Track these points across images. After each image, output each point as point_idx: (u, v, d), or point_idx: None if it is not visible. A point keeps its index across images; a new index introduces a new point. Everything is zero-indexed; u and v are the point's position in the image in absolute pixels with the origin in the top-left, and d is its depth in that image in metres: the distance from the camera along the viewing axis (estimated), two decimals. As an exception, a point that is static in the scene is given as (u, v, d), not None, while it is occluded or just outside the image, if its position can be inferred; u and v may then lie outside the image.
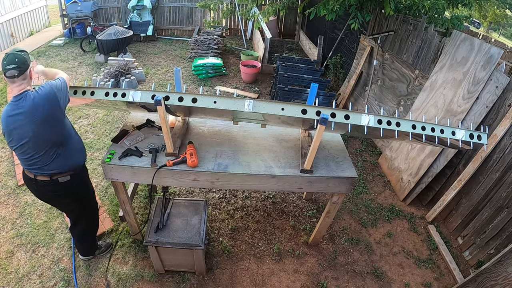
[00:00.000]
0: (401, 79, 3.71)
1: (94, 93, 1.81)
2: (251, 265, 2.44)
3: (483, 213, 2.55)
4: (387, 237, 2.79)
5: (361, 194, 3.23)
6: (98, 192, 2.97)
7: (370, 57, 4.32)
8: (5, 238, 2.51)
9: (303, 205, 3.02)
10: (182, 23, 8.02)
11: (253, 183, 2.00)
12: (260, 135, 2.30)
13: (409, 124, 1.66)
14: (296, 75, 4.24)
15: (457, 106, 2.77)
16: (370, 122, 1.64)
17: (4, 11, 6.66)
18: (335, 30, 5.77)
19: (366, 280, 2.42)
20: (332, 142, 2.29)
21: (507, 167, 2.39)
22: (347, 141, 4.02)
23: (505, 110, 2.44)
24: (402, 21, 3.78)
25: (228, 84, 5.51)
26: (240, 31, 8.17)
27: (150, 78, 5.49)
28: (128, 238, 2.53)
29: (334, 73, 5.33)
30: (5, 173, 3.19)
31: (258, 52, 6.31)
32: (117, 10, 7.70)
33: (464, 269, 2.55)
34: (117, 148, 2.01)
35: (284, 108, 1.67)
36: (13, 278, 2.22)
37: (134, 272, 2.30)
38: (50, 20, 8.75)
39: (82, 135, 3.81)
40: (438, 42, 3.19)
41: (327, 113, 1.65)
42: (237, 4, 7.14)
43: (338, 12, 3.71)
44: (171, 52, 6.78)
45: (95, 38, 5.82)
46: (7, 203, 2.83)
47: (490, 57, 2.56)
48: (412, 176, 3.09)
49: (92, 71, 5.58)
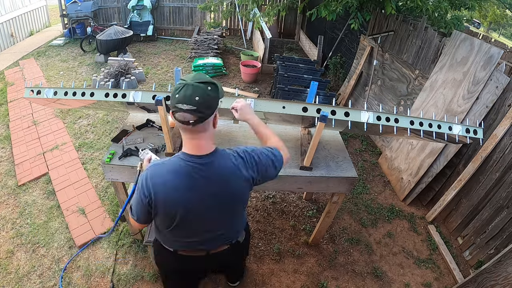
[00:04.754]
0: (401, 79, 3.71)
1: (94, 94, 1.80)
2: (251, 265, 2.44)
3: (483, 213, 2.55)
4: (387, 237, 2.79)
5: (361, 194, 3.23)
6: (98, 192, 2.97)
7: (370, 57, 4.32)
8: (5, 238, 2.51)
9: (303, 205, 3.02)
10: (182, 23, 8.02)
11: (253, 183, 1.99)
12: (260, 135, 2.29)
13: (407, 120, 1.67)
14: (296, 75, 4.23)
15: (457, 106, 2.77)
16: (370, 119, 1.65)
17: (4, 11, 6.66)
18: (335, 30, 5.77)
19: (366, 280, 2.41)
20: (332, 142, 2.29)
21: (507, 167, 2.39)
22: (347, 141, 4.02)
23: (505, 110, 2.44)
24: (402, 21, 3.78)
25: (228, 84, 5.51)
26: (240, 31, 8.17)
27: (150, 78, 5.49)
28: (128, 238, 2.53)
29: (334, 73, 5.33)
30: (5, 173, 3.19)
31: (258, 52, 6.30)
32: (117, 10, 7.69)
33: (464, 269, 2.54)
34: (117, 148, 2.01)
35: (285, 107, 1.68)
36: (13, 278, 2.22)
37: (134, 272, 2.30)
38: (50, 20, 8.75)
39: (82, 135, 3.81)
40: (438, 42, 3.19)
41: (327, 110, 1.65)
42: (237, 4, 7.14)
43: (339, 13, 3.71)
44: (171, 52, 6.79)
45: (95, 38, 5.82)
46: (7, 203, 2.83)
47: (490, 57, 2.56)
48: (412, 176, 3.09)
49: (92, 71, 5.58)
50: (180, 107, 1.02)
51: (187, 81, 1.04)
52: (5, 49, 6.65)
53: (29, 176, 3.13)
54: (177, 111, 1.04)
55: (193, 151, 1.14)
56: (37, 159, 3.37)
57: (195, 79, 1.04)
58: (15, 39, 7.03)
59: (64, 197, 2.89)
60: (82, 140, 3.70)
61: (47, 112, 4.20)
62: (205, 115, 1.05)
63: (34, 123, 4.00)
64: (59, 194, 2.93)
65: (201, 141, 1.12)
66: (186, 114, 1.03)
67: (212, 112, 1.08)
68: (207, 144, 1.14)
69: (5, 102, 4.54)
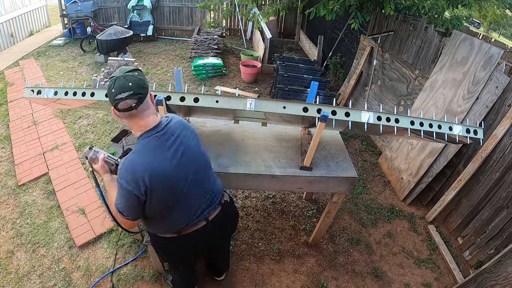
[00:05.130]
0: (401, 79, 3.71)
1: (94, 94, 1.80)
2: (251, 265, 2.44)
3: (483, 213, 2.55)
4: (387, 237, 2.79)
5: (361, 194, 3.23)
6: (98, 192, 2.97)
7: (370, 57, 4.32)
8: (5, 238, 2.51)
9: (303, 205, 3.02)
10: (182, 23, 8.01)
11: (253, 183, 2.00)
12: (260, 135, 2.30)
13: (408, 120, 1.68)
14: (296, 75, 4.23)
15: (457, 106, 2.77)
16: (370, 119, 1.65)
17: (4, 11, 6.66)
18: (335, 30, 5.77)
19: (366, 280, 2.42)
20: (332, 142, 2.29)
21: (507, 167, 2.39)
22: (347, 141, 4.02)
23: (505, 110, 2.44)
24: (402, 21, 3.78)
25: (228, 84, 5.51)
26: (240, 31, 8.17)
27: (150, 78, 5.49)
28: (128, 238, 2.53)
29: (334, 73, 5.33)
30: (5, 173, 3.19)
31: (258, 52, 6.30)
32: (117, 10, 7.69)
33: (464, 269, 2.55)
34: (117, 148, 2.01)
35: (285, 107, 1.68)
36: (13, 278, 2.22)
37: (134, 272, 2.30)
38: (50, 20, 8.74)
39: (82, 135, 3.81)
40: (438, 42, 3.19)
41: (328, 111, 1.65)
42: (237, 4, 7.14)
43: (338, 13, 3.71)
44: (171, 52, 6.78)
45: (95, 38, 5.82)
46: (7, 203, 2.83)
47: (490, 57, 2.56)
48: (412, 176, 3.09)
49: (92, 71, 5.58)
50: (120, 97, 1.15)
51: (116, 75, 1.17)
52: (5, 49, 6.65)
53: (29, 176, 3.13)
54: (119, 102, 1.16)
55: (147, 128, 1.25)
56: (37, 159, 3.37)
57: (122, 71, 1.18)
58: (15, 39, 7.02)
59: (64, 197, 2.89)
60: (82, 140, 3.70)
61: (47, 112, 4.20)
62: (142, 95, 1.19)
63: (34, 123, 4.00)
64: (59, 194, 2.93)
65: (149, 117, 1.25)
66: (128, 100, 1.15)
67: (146, 91, 1.21)
68: (154, 118, 1.27)
69: (5, 102, 4.54)
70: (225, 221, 1.59)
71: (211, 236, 1.56)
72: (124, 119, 1.24)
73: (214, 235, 1.57)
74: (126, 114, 1.19)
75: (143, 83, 1.19)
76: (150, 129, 1.25)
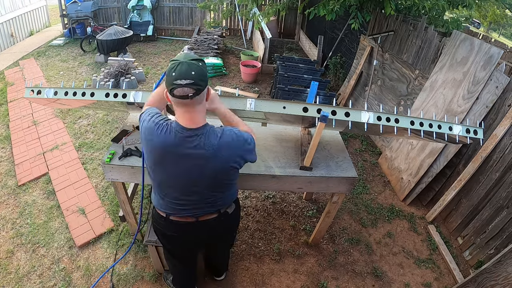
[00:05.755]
0: (401, 79, 3.71)
1: (94, 94, 1.80)
2: (251, 265, 2.44)
3: (483, 213, 2.55)
4: (387, 237, 2.79)
5: (361, 194, 3.23)
6: (98, 192, 2.97)
7: (370, 57, 4.32)
8: (5, 238, 2.51)
9: (303, 205, 3.02)
10: (182, 23, 8.02)
11: (253, 183, 2.00)
12: (260, 135, 2.30)
13: (408, 120, 1.68)
14: (296, 75, 4.23)
15: (457, 106, 2.77)
16: (370, 119, 1.65)
17: (4, 11, 6.66)
18: (335, 30, 5.77)
19: (366, 280, 2.42)
20: (332, 142, 2.29)
21: (507, 167, 2.39)
22: (347, 141, 4.02)
23: (505, 110, 2.44)
24: (402, 21, 3.78)
25: (228, 84, 5.51)
26: (240, 31, 8.17)
27: (150, 78, 5.49)
28: (128, 238, 2.53)
29: (334, 73, 5.33)
30: (5, 173, 3.19)
31: (258, 52, 6.30)
32: (117, 10, 7.69)
33: (464, 269, 2.55)
34: (117, 148, 2.01)
35: (285, 107, 1.68)
36: (13, 278, 2.22)
37: (134, 272, 2.30)
38: (50, 20, 8.75)
39: (82, 135, 3.81)
40: (438, 42, 3.19)
41: (328, 111, 1.65)
42: (237, 4, 7.14)
43: (338, 13, 3.71)
44: (171, 52, 6.79)
45: (95, 38, 5.82)
46: (7, 203, 2.83)
47: (490, 57, 2.56)
48: (412, 176, 3.09)
49: (92, 71, 5.58)
50: (179, 83, 1.11)
51: (180, 59, 1.14)
52: (5, 49, 6.65)
53: (29, 176, 3.13)
54: (176, 87, 1.12)
55: (186, 124, 1.23)
56: (37, 159, 3.37)
57: (187, 57, 1.15)
58: (15, 39, 7.02)
59: (64, 197, 2.89)
60: (82, 140, 3.70)
61: (47, 112, 4.20)
62: (202, 87, 1.16)
63: (34, 123, 4.00)
64: (59, 194, 2.93)
65: (196, 114, 1.23)
66: (186, 88, 1.12)
67: (206, 84, 1.19)
68: (200, 117, 1.25)
69: (5, 102, 4.55)
70: (219, 228, 1.59)
71: (199, 235, 1.57)
72: (173, 105, 1.23)
73: (203, 235, 1.57)
74: (179, 101, 1.17)
75: (204, 76, 1.16)
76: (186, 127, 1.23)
